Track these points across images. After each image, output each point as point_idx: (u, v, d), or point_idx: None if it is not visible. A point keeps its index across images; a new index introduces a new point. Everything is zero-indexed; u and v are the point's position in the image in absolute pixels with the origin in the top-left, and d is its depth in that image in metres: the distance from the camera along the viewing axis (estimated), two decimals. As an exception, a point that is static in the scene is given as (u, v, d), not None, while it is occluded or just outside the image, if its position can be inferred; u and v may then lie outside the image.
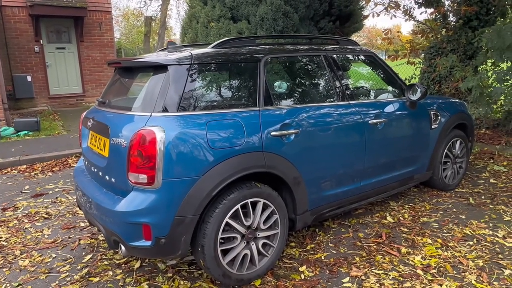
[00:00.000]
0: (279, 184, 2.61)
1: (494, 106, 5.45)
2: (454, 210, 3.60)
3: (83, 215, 3.73)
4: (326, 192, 2.88)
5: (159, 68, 2.35)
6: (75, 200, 4.13)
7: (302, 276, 2.61)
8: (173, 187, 2.16)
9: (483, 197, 3.88)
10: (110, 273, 2.73)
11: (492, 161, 5.05)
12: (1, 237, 3.32)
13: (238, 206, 2.37)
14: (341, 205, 3.04)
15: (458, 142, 4.04)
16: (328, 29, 8.14)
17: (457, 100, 4.28)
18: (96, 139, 2.67)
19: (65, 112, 9.50)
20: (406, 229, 3.24)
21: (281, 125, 2.54)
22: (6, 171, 5.28)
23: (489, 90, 5.15)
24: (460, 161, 4.13)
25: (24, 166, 5.44)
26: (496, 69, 5.64)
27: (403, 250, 2.90)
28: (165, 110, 2.24)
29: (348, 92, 3.06)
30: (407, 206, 3.72)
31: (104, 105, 2.68)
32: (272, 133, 2.49)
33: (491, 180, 4.35)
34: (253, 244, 2.49)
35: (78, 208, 3.91)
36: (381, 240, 3.06)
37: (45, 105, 10.03)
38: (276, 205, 2.56)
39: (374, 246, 2.97)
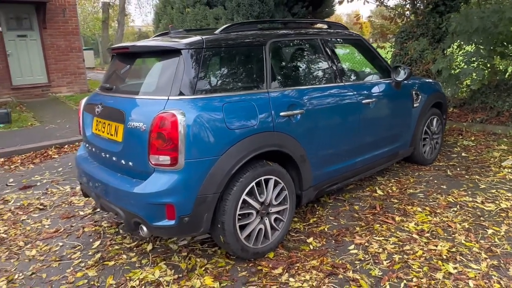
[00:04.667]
0: (286, 162, 2.76)
1: (461, 86, 5.88)
2: (436, 181, 3.92)
3: (80, 204, 3.72)
4: (327, 169, 3.06)
5: (172, 52, 2.40)
6: (69, 189, 4.09)
7: (311, 247, 2.79)
8: (195, 167, 2.25)
9: (458, 169, 4.24)
10: (124, 256, 2.78)
11: (461, 137, 5.48)
12: (-1, 230, 3.25)
13: (253, 183, 2.49)
14: (339, 180, 3.25)
15: (435, 119, 4.37)
16: (301, 15, 8.29)
17: (432, 81, 4.60)
18: (105, 125, 2.67)
19: (32, 103, 9.07)
20: (396, 200, 3.51)
21: (288, 106, 2.68)
22: (-17, 165, 5.06)
23: (457, 71, 5.54)
24: (436, 137, 4.47)
25: (2, 159, 5.23)
26: (461, 52, 6.07)
27: (397, 218, 3.16)
28: (181, 93, 2.30)
29: (343, 74, 3.24)
30: (393, 180, 4.01)
31: (112, 90, 2.68)
32: (281, 113, 2.62)
33: (463, 154, 4.75)
34: (266, 219, 2.64)
35: (73, 198, 3.87)
36: (376, 211, 3.30)
37: (7, 97, 9.49)
38: (286, 182, 2.71)
39: (371, 217, 3.22)
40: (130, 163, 2.40)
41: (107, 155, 2.60)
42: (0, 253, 2.89)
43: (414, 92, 3.94)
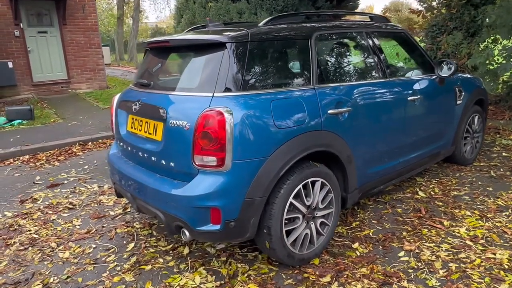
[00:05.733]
0: (331, 162, 2.59)
1: (497, 82, 5.61)
2: (480, 183, 3.71)
3: (110, 204, 3.62)
4: (371, 169, 2.89)
5: (216, 46, 2.25)
6: (97, 188, 4.00)
7: (357, 253, 2.63)
8: (243, 168, 2.11)
9: (501, 170, 4.01)
10: (161, 260, 2.66)
11: (498, 135, 5.22)
12: (30, 230, 3.16)
13: (300, 186, 2.34)
14: (383, 181, 3.07)
15: (477, 117, 4.14)
16: (325, 8, 8.08)
17: (473, 76, 4.37)
18: (142, 123, 2.55)
19: (52, 100, 9.07)
20: (441, 203, 3.31)
21: (336, 103, 2.51)
22: (8, 162, 5.01)
23: (494, 66, 5.28)
24: (477, 136, 4.24)
25: (27, 157, 5.18)
26: (497, 46, 5.79)
27: (446, 223, 2.97)
28: (227, 90, 2.16)
29: (388, 69, 3.05)
30: (433, 181, 3.80)
31: (150, 87, 2.55)
32: (329, 111, 2.46)
33: (504, 154, 4.50)
34: (312, 223, 2.48)
35: (102, 197, 3.78)
36: (421, 215, 3.12)
37: (28, 93, 9.53)
38: (332, 184, 2.55)
39: (417, 221, 3.03)
40: (172, 164, 2.26)
41: (145, 155, 2.47)
42: (33, 255, 2.80)
43: (457, 88, 3.73)
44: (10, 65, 8.95)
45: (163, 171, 2.37)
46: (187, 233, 2.22)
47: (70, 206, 3.60)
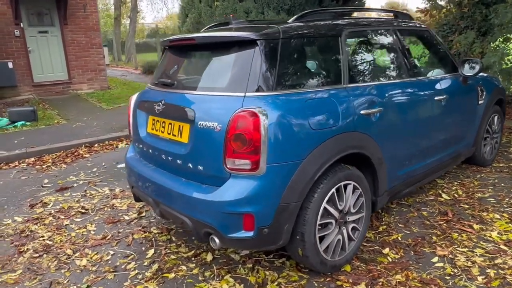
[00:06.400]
0: (361, 165, 2.49)
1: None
2: (503, 184, 3.62)
3: (123, 208, 3.50)
4: (400, 172, 2.80)
5: (246, 43, 2.14)
6: (108, 191, 3.87)
7: (389, 259, 2.53)
8: (278, 172, 2.00)
9: (523, 171, 3.94)
10: (184, 267, 2.55)
11: (513, 135, 5.16)
12: (43, 236, 3.04)
13: (334, 190, 2.24)
14: (410, 184, 2.98)
15: (496, 117, 4.06)
16: (331, 7, 7.98)
17: (492, 76, 4.29)
18: (165, 124, 2.44)
19: (54, 101, 8.91)
20: (466, 206, 3.22)
21: (368, 103, 2.41)
22: (14, 164, 4.87)
23: (508, 65, 5.21)
24: (496, 136, 4.17)
25: (33, 159, 5.04)
26: (508, 45, 5.72)
27: (476, 226, 2.88)
28: (259, 89, 2.05)
29: (415, 68, 2.96)
30: (455, 183, 3.72)
31: (173, 86, 2.44)
32: (362, 112, 2.36)
33: (522, 154, 4.44)
34: (344, 228, 2.38)
35: (114, 201, 3.66)
36: (448, 218, 3.03)
37: (29, 94, 9.36)
38: (363, 187, 2.45)
39: (445, 224, 2.94)
40: (200, 167, 2.15)
41: (169, 158, 2.36)
42: (48, 262, 2.68)
43: (479, 88, 3.64)
44: (10, 65, 8.79)
45: (190, 175, 2.25)
46: (217, 240, 2.11)
47: (83, 211, 3.47)
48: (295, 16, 2.38)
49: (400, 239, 2.77)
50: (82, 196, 3.81)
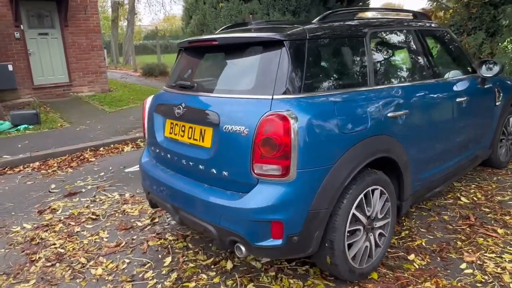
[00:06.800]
0: (387, 169, 2.42)
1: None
2: (521, 187, 3.57)
3: (135, 214, 3.41)
4: (423, 175, 2.73)
5: (272, 44, 2.06)
6: (118, 197, 3.78)
7: (416, 265, 2.46)
8: (308, 178, 1.93)
9: (539, 173, 3.89)
10: (204, 276, 2.46)
11: (524, 137, 5.10)
12: (54, 244, 2.94)
13: (362, 195, 2.17)
14: (433, 187, 2.92)
15: (511, 119, 4.01)
16: (336, 9, 7.93)
17: (507, 77, 4.24)
18: (185, 128, 2.35)
19: (55, 103, 8.79)
20: (487, 209, 3.16)
21: (395, 106, 2.35)
22: (18, 169, 4.76)
23: (519, 67, 5.16)
24: (511, 138, 4.11)
25: (37, 163, 4.93)
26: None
27: (500, 231, 2.81)
28: (287, 91, 1.97)
29: (436, 69, 2.90)
30: (472, 185, 3.66)
31: (193, 89, 2.35)
32: (389, 114, 2.29)
33: (535, 156, 4.38)
34: (371, 235, 2.31)
35: (125, 206, 3.56)
36: (471, 222, 2.96)
37: (29, 97, 9.23)
38: (390, 192, 2.38)
39: (468, 229, 2.87)
40: (224, 173, 2.07)
41: (190, 163, 2.27)
42: (62, 272, 2.59)
43: (496, 89, 3.59)
44: (10, 68, 8.65)
45: (213, 180, 2.17)
46: (243, 248, 2.03)
47: (93, 217, 3.38)
48: (319, 17, 2.31)
49: (424, 244, 2.70)
50: (92, 202, 3.71)
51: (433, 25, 3.17)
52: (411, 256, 2.55)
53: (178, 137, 2.41)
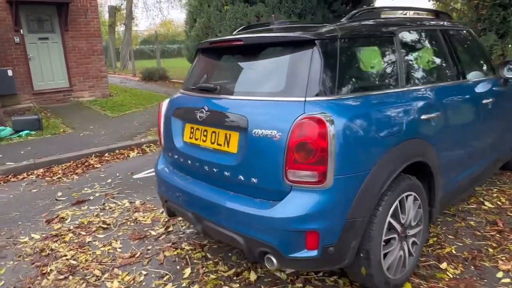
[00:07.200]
0: (418, 174, 2.31)
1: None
2: (545, 191, 3.48)
3: (147, 222, 3.28)
4: (452, 180, 2.63)
5: (302, 44, 1.96)
6: (128, 204, 3.64)
7: (449, 275, 2.35)
8: (345, 184, 1.81)
9: (560, 176, 3.80)
10: (227, 288, 2.34)
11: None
12: (65, 255, 2.80)
13: (397, 202, 2.06)
14: (459, 192, 2.81)
15: (530, 120, 3.93)
16: (341, 12, 7.88)
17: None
18: (207, 133, 2.24)
19: (55, 109, 8.64)
20: (514, 214, 3.07)
21: (427, 107, 2.25)
22: (22, 176, 4.62)
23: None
24: (530, 140, 4.02)
25: (41, 170, 4.79)
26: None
27: (531, 237, 2.71)
28: (321, 93, 1.86)
29: (462, 70, 2.81)
30: (494, 190, 3.56)
31: (216, 92, 2.24)
32: (422, 117, 2.19)
33: (553, 158, 4.29)
34: (404, 243, 2.20)
35: (137, 214, 3.43)
36: (500, 228, 2.86)
37: (29, 102, 9.07)
38: (422, 198, 2.27)
39: (497, 235, 2.77)
40: (254, 180, 1.95)
41: (214, 169, 2.15)
42: (76, 285, 2.45)
43: (517, 90, 3.50)
44: (10, 73, 8.50)
45: (240, 187, 2.05)
46: (274, 260, 1.90)
47: (104, 226, 3.24)
48: (349, 14, 2.21)
49: (454, 252, 2.59)
50: (101, 210, 3.58)
51: (455, 24, 3.09)
52: (443, 265, 2.44)
53: (200, 142, 2.29)
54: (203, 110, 2.20)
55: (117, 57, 26.94)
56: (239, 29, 2.87)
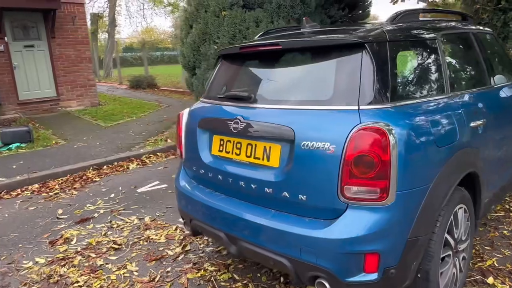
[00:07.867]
0: (466, 185, 2.18)
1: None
2: None
3: (161, 241, 3.05)
4: (491, 188, 2.51)
5: (349, 48, 1.81)
6: (137, 221, 3.40)
7: (499, 291, 2.22)
8: (408, 200, 1.66)
9: None
10: (264, 314, 2.14)
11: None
12: (77, 281, 2.55)
13: (452, 216, 1.91)
14: (495, 201, 2.70)
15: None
16: (338, 17, 7.83)
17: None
18: (241, 145, 2.05)
19: (43, 119, 8.26)
20: (545, 222, 2.98)
21: (475, 114, 2.13)
22: (16, 193, 4.30)
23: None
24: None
25: (37, 186, 4.48)
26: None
27: None
28: (375, 101, 1.71)
29: (493, 74, 2.71)
30: (517, 196, 3.48)
31: (250, 100, 2.05)
32: (471, 124, 2.06)
33: None
34: (456, 259, 2.05)
35: (148, 232, 3.19)
36: (536, 237, 2.76)
37: (14, 112, 8.65)
38: (470, 210, 2.14)
39: (535, 245, 2.67)
40: (302, 197, 1.77)
41: (252, 186, 1.97)
42: (94, 317, 2.21)
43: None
44: (-6, 82, 8.12)
45: (284, 205, 1.87)
46: (327, 285, 1.73)
47: (115, 246, 3.00)
48: (392, 16, 2.07)
49: (496, 264, 2.47)
50: (109, 228, 3.33)
51: (481, 27, 3.00)
52: (490, 280, 2.31)
53: (233, 156, 2.10)
54: (238, 121, 2.01)
55: (100, 65, 26.42)
56: (260, 33, 2.70)
